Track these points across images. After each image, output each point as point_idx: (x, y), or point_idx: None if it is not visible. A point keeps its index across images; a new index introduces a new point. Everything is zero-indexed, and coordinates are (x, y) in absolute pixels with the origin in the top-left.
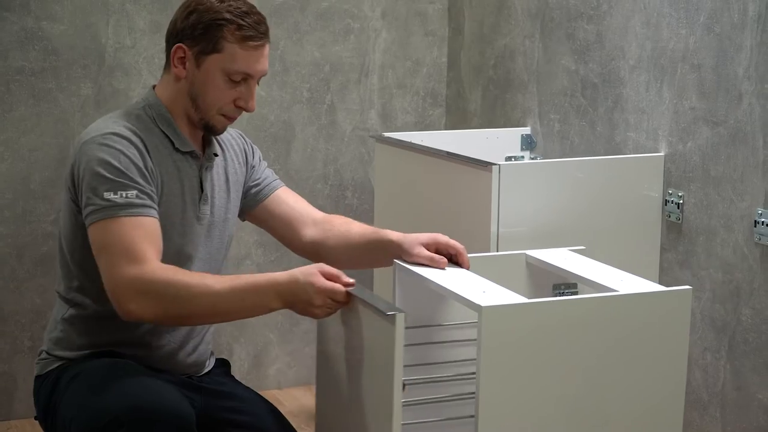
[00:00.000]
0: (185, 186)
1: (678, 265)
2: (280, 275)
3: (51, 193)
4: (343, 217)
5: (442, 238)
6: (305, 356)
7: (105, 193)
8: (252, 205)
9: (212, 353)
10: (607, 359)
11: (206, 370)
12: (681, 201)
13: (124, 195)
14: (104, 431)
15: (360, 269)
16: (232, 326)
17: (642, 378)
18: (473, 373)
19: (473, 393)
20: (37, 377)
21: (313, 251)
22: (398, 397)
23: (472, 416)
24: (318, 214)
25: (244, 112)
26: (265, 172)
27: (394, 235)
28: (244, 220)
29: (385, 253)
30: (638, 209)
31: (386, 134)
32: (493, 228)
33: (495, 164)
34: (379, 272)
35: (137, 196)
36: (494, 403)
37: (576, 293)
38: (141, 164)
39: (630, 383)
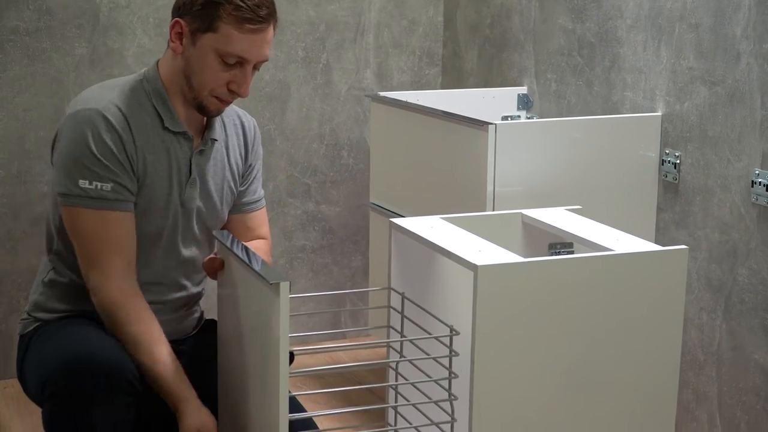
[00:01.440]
0: (173, 167)
1: (674, 225)
2: (191, 407)
3: (46, 153)
4: (262, 251)
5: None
6: None
7: (80, 181)
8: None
9: (202, 314)
10: (603, 319)
11: (192, 333)
12: (678, 161)
13: (98, 186)
14: (44, 389)
15: None
16: None
17: (638, 338)
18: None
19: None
20: (20, 337)
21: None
22: (285, 368)
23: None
24: (260, 235)
25: None
26: (257, 188)
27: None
28: None
29: None
30: (635, 169)
31: (382, 94)
32: (489, 187)
33: (491, 124)
34: (374, 234)
35: (112, 189)
36: (489, 364)
37: (572, 253)
38: (120, 151)
39: (626, 343)
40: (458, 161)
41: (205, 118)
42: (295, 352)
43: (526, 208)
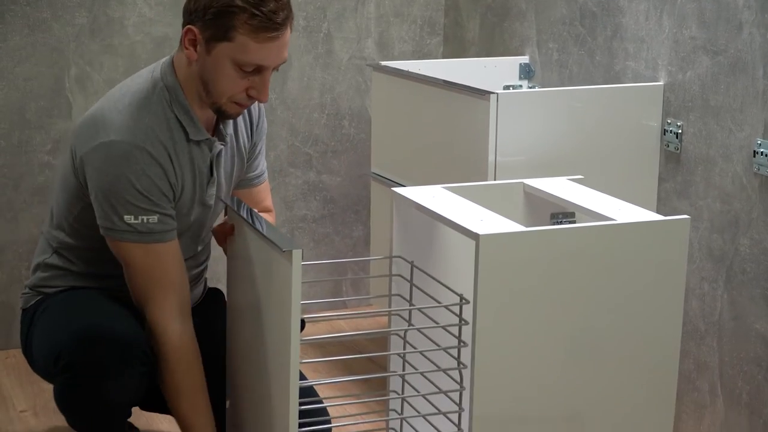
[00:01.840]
0: (196, 175)
1: (676, 194)
2: None
3: (47, 123)
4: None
5: None
6: None
7: (125, 216)
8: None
9: (205, 283)
10: (605, 288)
11: (199, 302)
12: (680, 131)
13: (145, 220)
14: (57, 363)
15: None
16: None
17: (639, 307)
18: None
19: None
20: (22, 311)
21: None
22: (296, 335)
23: (463, 344)
24: (264, 209)
25: None
26: (260, 163)
27: None
28: None
29: None
30: (637, 139)
31: (383, 63)
32: (491, 157)
33: (493, 93)
34: (376, 204)
35: (159, 221)
36: (491, 333)
37: (574, 222)
38: (164, 183)
39: (627, 312)
40: (460, 131)
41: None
42: (305, 321)
43: (528, 177)
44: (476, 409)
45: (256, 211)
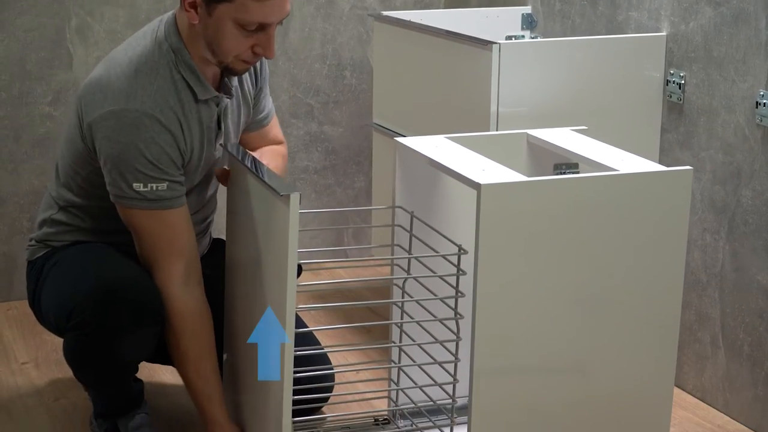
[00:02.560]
0: (204, 133)
1: (678, 145)
2: (219, 421)
3: (48, 74)
4: (278, 153)
5: None
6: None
7: (135, 184)
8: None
9: (210, 234)
10: (607, 239)
11: (202, 254)
12: (682, 81)
13: (154, 188)
14: (70, 318)
15: None
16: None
17: (641, 258)
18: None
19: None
20: (28, 263)
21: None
22: (293, 279)
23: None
24: (274, 141)
25: None
26: (266, 104)
27: None
28: None
29: None
30: (639, 89)
31: (385, 13)
32: (493, 108)
33: (495, 43)
34: (378, 155)
35: (168, 188)
36: (491, 283)
37: (577, 173)
38: (174, 150)
39: (629, 263)
40: (462, 81)
41: None
42: (302, 266)
43: (530, 128)
44: (476, 359)
45: (256, 157)
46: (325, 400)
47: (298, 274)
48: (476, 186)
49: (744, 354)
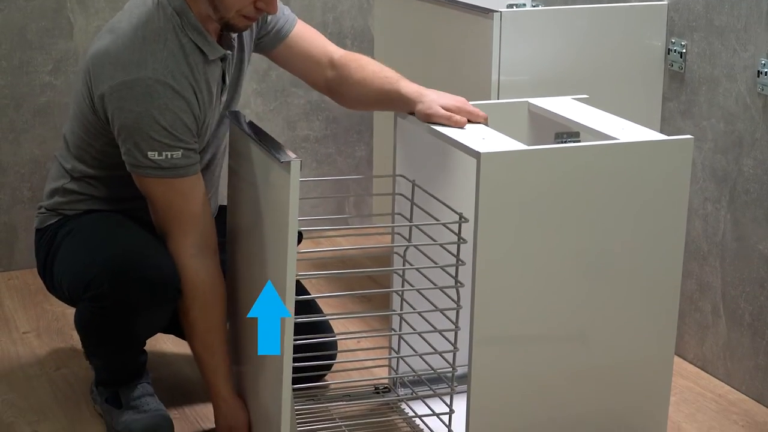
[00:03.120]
0: (213, 91)
1: (680, 114)
2: (227, 405)
3: (48, 43)
4: (360, 58)
5: (468, 105)
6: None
7: (149, 153)
8: (272, 46)
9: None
10: (608, 208)
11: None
12: (684, 50)
13: (169, 156)
14: (87, 289)
15: None
16: None
17: (642, 227)
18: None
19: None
20: (37, 231)
21: (329, 93)
22: (293, 246)
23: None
24: (336, 52)
25: None
26: (278, 17)
27: (410, 90)
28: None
29: (400, 107)
30: (641, 58)
31: None
32: (494, 76)
33: (496, 11)
34: (378, 124)
35: (183, 156)
36: (491, 252)
37: (578, 142)
38: (188, 116)
39: (630, 232)
40: (463, 50)
41: None
42: (302, 234)
43: (532, 97)
44: (476, 328)
45: (254, 123)
46: (328, 368)
47: (299, 242)
48: (476, 155)
49: (745, 323)
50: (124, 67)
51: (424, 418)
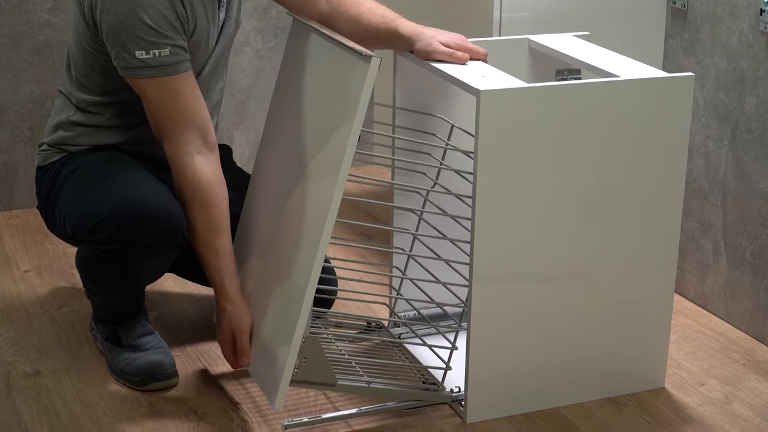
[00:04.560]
0: (206, 3)
1: (682, 52)
2: (232, 306)
3: None
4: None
5: (468, 42)
6: None
7: (137, 52)
8: None
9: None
10: (608, 146)
11: None
12: None
13: (156, 54)
14: (92, 231)
15: None
16: (232, 113)
17: (642, 165)
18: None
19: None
20: (39, 168)
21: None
22: (354, 138)
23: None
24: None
25: None
26: None
27: (407, 29)
28: None
29: (397, 45)
30: None
31: None
32: (496, 13)
33: None
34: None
35: (171, 53)
36: (491, 189)
37: (579, 79)
38: (170, 12)
39: (630, 170)
40: None
41: None
42: None
43: (533, 33)
44: (476, 264)
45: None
46: (329, 304)
47: None
48: (476, 92)
49: (746, 262)
50: None
51: (425, 355)
